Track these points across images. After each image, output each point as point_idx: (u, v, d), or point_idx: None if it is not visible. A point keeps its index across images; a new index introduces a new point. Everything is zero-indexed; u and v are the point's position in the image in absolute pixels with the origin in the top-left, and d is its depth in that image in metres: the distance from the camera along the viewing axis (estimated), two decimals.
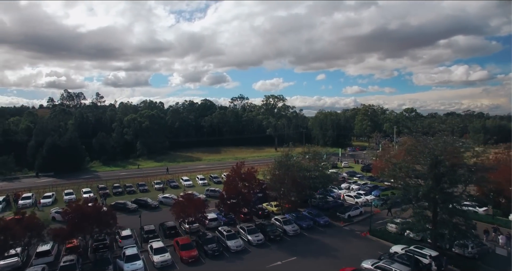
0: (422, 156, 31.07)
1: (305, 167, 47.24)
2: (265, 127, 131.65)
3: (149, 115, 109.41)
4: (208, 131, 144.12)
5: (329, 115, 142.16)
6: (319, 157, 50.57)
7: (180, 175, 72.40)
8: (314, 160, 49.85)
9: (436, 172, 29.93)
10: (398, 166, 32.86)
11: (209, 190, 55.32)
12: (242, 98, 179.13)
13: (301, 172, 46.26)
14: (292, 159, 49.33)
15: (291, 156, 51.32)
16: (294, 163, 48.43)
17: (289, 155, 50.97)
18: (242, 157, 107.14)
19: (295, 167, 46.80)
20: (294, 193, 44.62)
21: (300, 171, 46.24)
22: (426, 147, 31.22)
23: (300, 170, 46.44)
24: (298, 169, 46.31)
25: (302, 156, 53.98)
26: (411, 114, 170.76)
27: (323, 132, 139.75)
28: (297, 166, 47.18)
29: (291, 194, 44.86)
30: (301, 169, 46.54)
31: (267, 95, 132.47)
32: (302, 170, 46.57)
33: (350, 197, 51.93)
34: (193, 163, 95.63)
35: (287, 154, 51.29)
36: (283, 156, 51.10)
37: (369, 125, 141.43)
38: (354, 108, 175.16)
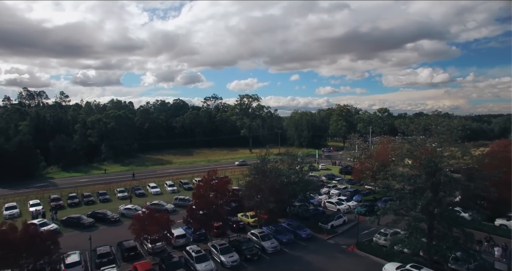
0: (421, 162, 27.39)
1: (284, 172, 42.77)
2: (239, 128, 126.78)
3: (115, 115, 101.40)
4: (180, 133, 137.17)
5: (304, 116, 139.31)
6: (298, 160, 46.15)
7: (147, 181, 66.06)
8: (293, 164, 45.50)
9: (434, 181, 26.33)
10: (391, 173, 29.01)
11: (178, 199, 49.63)
12: (216, 98, 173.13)
13: (279, 177, 41.80)
14: (269, 164, 44.83)
15: (268, 160, 46.83)
16: (271, 168, 43.93)
17: (265, 159, 46.43)
18: (215, 159, 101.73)
19: (273, 172, 42.31)
20: (272, 203, 40.07)
21: (278, 177, 41.77)
22: (423, 153, 27.61)
23: (278, 176, 41.98)
24: (276, 174, 41.82)
25: (280, 160, 49.52)
26: (383, 115, 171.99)
27: (298, 133, 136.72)
28: (275, 171, 42.69)
29: (269, 203, 40.30)
30: (279, 175, 42.08)
31: (242, 94, 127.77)
32: (280, 176, 42.12)
33: (331, 203, 48.04)
34: (163, 167, 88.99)
35: (263, 158, 46.72)
36: (259, 160, 46.54)
37: (344, 125, 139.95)
38: (328, 108, 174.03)
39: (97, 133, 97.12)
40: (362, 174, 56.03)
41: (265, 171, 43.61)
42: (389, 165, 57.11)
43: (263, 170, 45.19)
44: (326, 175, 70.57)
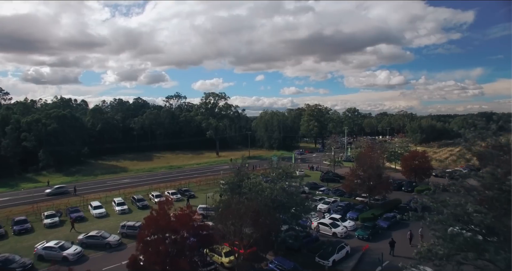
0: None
1: (268, 192, 31.65)
2: (205, 129, 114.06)
3: (58, 115, 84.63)
4: (139, 135, 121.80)
5: (275, 116, 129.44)
6: (287, 173, 35.42)
7: (91, 197, 52.13)
8: (278, 177, 34.52)
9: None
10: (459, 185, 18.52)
11: (126, 227, 36.54)
12: (179, 97, 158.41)
13: (263, 199, 30.72)
14: (248, 180, 33.72)
15: (245, 174, 35.76)
16: (251, 185, 32.78)
17: (242, 171, 35.29)
18: (178, 164, 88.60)
19: (253, 191, 31.22)
20: (254, 233, 28.77)
21: (261, 198, 30.69)
22: None
23: (261, 197, 30.90)
24: (257, 194, 30.75)
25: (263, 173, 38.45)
26: (353, 114, 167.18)
27: (268, 134, 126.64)
28: (256, 189, 31.57)
29: (250, 234, 28.95)
30: (262, 195, 30.99)
31: (207, 93, 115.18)
32: (264, 197, 31.04)
33: (325, 225, 37.69)
34: (115, 176, 74.29)
35: (239, 171, 35.53)
36: (234, 173, 35.31)
37: (316, 126, 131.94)
38: (298, 108, 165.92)
39: (35, 137, 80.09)
40: (355, 185, 46.51)
41: (242, 189, 32.56)
42: (383, 171, 48.73)
43: (240, 187, 34.03)
44: (307, 183, 60.49)
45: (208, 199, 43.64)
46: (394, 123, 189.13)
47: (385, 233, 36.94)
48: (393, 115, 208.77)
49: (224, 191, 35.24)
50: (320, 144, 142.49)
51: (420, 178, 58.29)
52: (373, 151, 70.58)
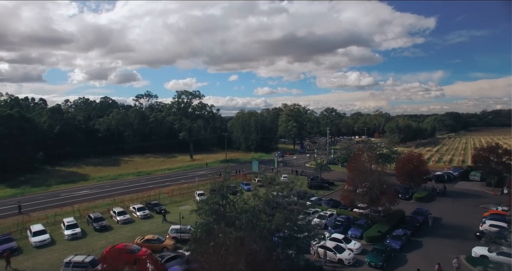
0: None
1: (266, 223, 23.76)
2: (177, 131, 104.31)
3: (3, 116, 72.01)
4: (105, 137, 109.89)
5: (252, 116, 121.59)
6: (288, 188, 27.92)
7: (36, 216, 41.82)
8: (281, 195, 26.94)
9: None
10: None
11: (72, 264, 26.99)
12: (150, 96, 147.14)
13: (256, 225, 22.98)
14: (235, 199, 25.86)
15: (229, 189, 27.89)
16: (238, 205, 25.00)
17: (224, 187, 27.40)
18: (147, 170, 78.67)
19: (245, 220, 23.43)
20: None
21: (253, 225, 22.94)
22: None
23: (254, 223, 23.13)
24: (251, 223, 22.94)
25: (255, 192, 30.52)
26: (331, 114, 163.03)
27: (245, 135, 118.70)
28: (247, 213, 23.75)
29: None
30: (258, 226, 23.20)
31: (180, 91, 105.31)
32: (257, 222, 23.27)
33: (329, 250, 30.34)
34: (73, 186, 63.36)
35: (221, 186, 27.66)
36: (216, 190, 27.37)
37: (295, 126, 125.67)
38: (275, 108, 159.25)
39: None
40: (355, 196, 39.74)
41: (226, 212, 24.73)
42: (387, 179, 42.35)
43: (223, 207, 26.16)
44: (296, 191, 53.07)
45: (184, 216, 35.22)
46: (370, 123, 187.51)
47: (399, 257, 30.30)
48: (369, 115, 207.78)
49: (203, 212, 26.99)
50: (298, 145, 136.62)
51: (417, 182, 52.64)
52: (364, 154, 64.86)
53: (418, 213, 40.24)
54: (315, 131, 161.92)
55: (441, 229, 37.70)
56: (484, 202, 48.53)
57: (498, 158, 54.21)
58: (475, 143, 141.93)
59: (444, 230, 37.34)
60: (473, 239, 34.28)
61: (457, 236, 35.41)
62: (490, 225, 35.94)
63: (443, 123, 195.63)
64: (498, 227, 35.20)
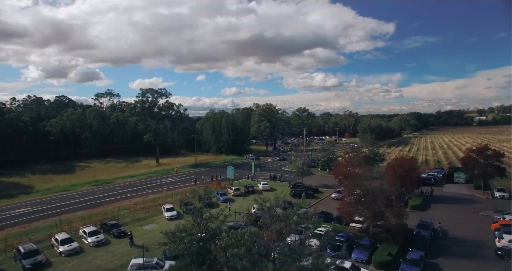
0: None
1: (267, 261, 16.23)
2: (141, 132, 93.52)
3: None
4: (58, 140, 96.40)
5: (224, 116, 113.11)
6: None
7: None
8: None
9: None
10: None
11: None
12: (111, 95, 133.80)
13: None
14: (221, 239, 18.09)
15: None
16: (225, 241, 17.26)
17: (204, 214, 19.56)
18: (106, 178, 67.95)
19: (239, 264, 15.68)
20: None
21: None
22: None
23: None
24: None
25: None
26: (302, 114, 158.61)
27: (216, 137, 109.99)
28: (243, 260, 16.04)
29: None
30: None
31: (144, 89, 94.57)
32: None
33: None
34: (9, 202, 50.99)
35: (199, 211, 19.79)
36: (194, 215, 19.37)
37: (268, 126, 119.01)
38: (245, 107, 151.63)
39: None
40: (355, 210, 33.32)
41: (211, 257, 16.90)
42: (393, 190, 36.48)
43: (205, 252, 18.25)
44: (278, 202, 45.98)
45: (149, 245, 26.70)
46: (340, 123, 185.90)
47: None
48: (339, 115, 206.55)
49: (177, 250, 18.77)
50: (271, 146, 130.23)
51: (409, 188, 47.53)
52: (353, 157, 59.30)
53: (424, 227, 34.67)
54: (287, 132, 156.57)
55: (453, 245, 32.34)
56: (481, 208, 44.64)
57: (486, 160, 50.78)
58: (440, 142, 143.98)
59: (457, 247, 32.00)
60: (494, 259, 29.32)
61: (475, 255, 30.20)
62: (509, 241, 31.10)
63: (408, 123, 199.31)
64: None
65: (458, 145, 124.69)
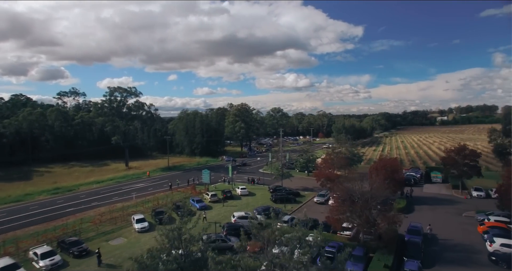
0: None
1: None
2: (110, 134, 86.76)
3: None
4: (13, 143, 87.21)
5: (198, 116, 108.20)
6: None
7: None
8: None
9: None
10: None
11: None
12: (76, 94, 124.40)
13: None
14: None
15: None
16: None
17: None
18: (69, 185, 61.45)
19: None
20: None
21: None
22: None
23: None
24: None
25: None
26: (277, 114, 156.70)
27: (189, 138, 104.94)
28: None
29: None
30: None
31: (112, 87, 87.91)
32: None
33: None
34: None
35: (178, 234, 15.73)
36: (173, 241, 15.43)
37: (243, 127, 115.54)
38: (219, 107, 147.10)
39: None
40: (345, 218, 30.78)
41: None
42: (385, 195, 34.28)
43: None
44: (259, 208, 42.76)
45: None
46: (314, 123, 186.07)
47: None
48: (312, 115, 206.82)
49: None
50: (246, 147, 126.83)
51: (392, 190, 45.93)
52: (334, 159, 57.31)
53: (414, 232, 32.85)
54: (261, 132, 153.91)
55: (445, 251, 30.70)
56: (463, 208, 44.10)
57: (464, 159, 50.56)
58: (410, 141, 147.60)
59: (450, 253, 30.40)
60: (489, 265, 27.96)
61: (469, 261, 28.70)
62: (501, 245, 29.87)
63: (378, 123, 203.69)
64: (510, 246, 29.32)
65: (427, 144, 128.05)
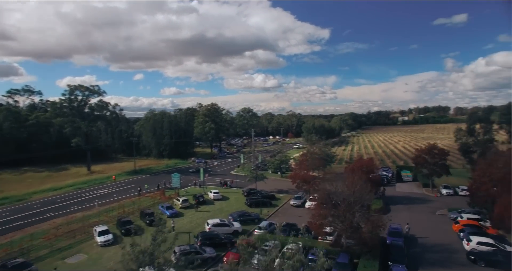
0: None
1: None
2: (69, 136, 79.88)
3: None
4: None
5: (166, 117, 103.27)
6: None
7: None
8: None
9: None
10: None
11: None
12: (31, 92, 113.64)
13: None
14: None
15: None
16: None
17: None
18: (19, 194, 55.05)
19: None
20: None
21: None
22: None
23: None
24: None
25: None
26: (247, 115, 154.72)
27: (157, 140, 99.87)
28: None
29: None
30: None
31: (73, 85, 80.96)
32: None
33: None
34: None
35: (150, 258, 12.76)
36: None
37: (213, 127, 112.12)
38: (188, 108, 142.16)
39: None
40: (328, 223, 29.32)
41: None
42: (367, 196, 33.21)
43: None
44: (235, 213, 40.31)
45: None
46: (284, 124, 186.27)
47: None
48: (282, 116, 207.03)
49: None
50: (216, 148, 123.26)
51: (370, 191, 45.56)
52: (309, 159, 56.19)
53: (395, 234, 32.24)
54: (231, 132, 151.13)
55: (426, 252, 30.36)
56: (435, 207, 44.85)
57: (433, 158, 51.62)
58: (376, 141, 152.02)
59: (430, 254, 30.09)
60: (469, 264, 28.03)
61: (449, 261, 28.62)
62: (478, 243, 29.94)
63: (346, 123, 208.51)
64: (486, 244, 29.47)
65: (393, 143, 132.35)
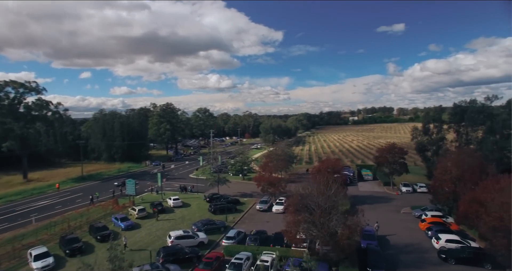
0: None
1: None
2: (1, 139, 69.26)
3: None
4: None
5: (117, 118, 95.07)
6: None
7: None
8: None
9: None
10: None
11: None
12: None
13: None
14: None
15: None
16: None
17: None
18: None
19: None
20: None
21: None
22: None
23: None
24: None
25: None
26: (204, 115, 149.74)
27: (108, 142, 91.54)
28: None
29: None
30: None
31: (3, 80, 70.40)
32: None
33: None
34: None
35: None
36: None
37: (168, 129, 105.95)
38: (142, 108, 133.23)
39: None
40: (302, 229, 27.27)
41: None
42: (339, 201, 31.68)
43: None
44: (198, 222, 36.68)
45: None
46: (240, 124, 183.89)
47: None
48: (238, 116, 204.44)
49: None
50: (171, 150, 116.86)
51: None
52: (273, 161, 54.18)
53: (369, 237, 31.33)
54: (187, 133, 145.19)
55: (400, 254, 29.86)
56: (399, 205, 45.59)
57: (393, 157, 52.74)
58: (331, 140, 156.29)
59: (404, 255, 29.67)
60: (441, 263, 28.02)
61: (423, 262, 28.44)
62: (446, 241, 30.17)
63: (301, 123, 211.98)
64: (454, 242, 29.77)
65: (348, 142, 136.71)
